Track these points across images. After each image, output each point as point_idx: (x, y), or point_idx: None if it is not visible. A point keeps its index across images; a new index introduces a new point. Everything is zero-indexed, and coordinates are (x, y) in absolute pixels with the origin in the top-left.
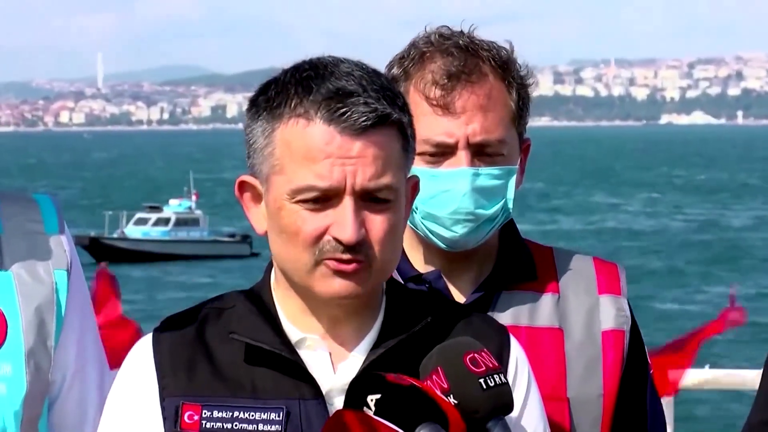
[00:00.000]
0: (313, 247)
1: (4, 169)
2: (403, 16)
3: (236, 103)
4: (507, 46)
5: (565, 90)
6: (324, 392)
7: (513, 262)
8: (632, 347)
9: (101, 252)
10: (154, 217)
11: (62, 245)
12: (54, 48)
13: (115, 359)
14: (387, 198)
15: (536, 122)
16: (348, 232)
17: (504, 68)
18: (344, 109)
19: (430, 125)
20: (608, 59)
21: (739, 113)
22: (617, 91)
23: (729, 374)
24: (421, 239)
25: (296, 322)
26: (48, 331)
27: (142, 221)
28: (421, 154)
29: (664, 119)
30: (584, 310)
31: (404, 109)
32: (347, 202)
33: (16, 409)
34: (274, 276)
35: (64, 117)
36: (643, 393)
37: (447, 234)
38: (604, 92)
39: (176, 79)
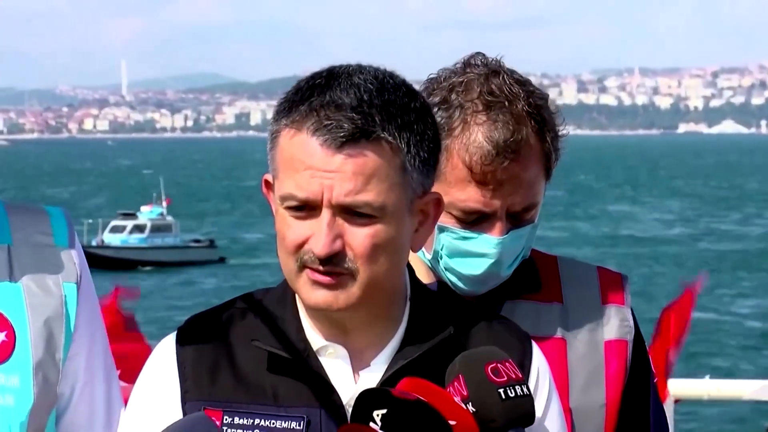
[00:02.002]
0: (296, 255)
1: (30, 176)
2: (427, 20)
3: (260, 111)
4: (544, 92)
5: (589, 99)
6: (344, 402)
7: (517, 272)
8: (635, 357)
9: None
10: (130, 224)
11: (72, 258)
12: (78, 55)
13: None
14: (371, 214)
15: (560, 131)
16: (319, 246)
17: (542, 125)
18: (328, 123)
19: (468, 193)
20: (632, 68)
21: (763, 122)
22: (641, 100)
23: (729, 384)
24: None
25: (318, 327)
26: (57, 344)
27: (118, 229)
28: (455, 216)
29: (689, 128)
30: (587, 320)
31: (408, 126)
32: (324, 215)
33: (23, 420)
34: None
35: (88, 124)
36: (646, 403)
37: (466, 289)
38: (627, 101)
39: (200, 86)
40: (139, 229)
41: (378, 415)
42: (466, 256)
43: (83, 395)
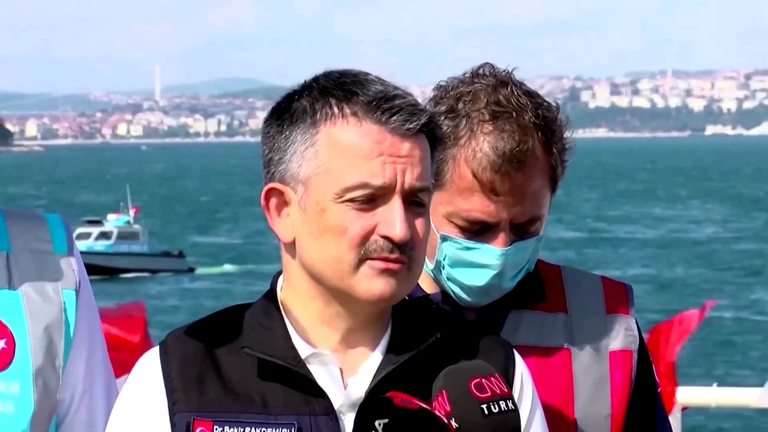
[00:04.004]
0: (360, 247)
1: (64, 181)
2: (457, 24)
3: None
4: (553, 104)
5: (622, 101)
6: (336, 407)
7: (521, 282)
8: (640, 367)
9: None
10: (96, 231)
11: (71, 265)
12: (111, 61)
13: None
14: (423, 201)
15: (593, 134)
16: (399, 230)
17: (551, 139)
18: (393, 110)
19: (473, 203)
20: (665, 70)
21: None
22: (674, 102)
23: (737, 392)
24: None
25: (307, 335)
26: (56, 351)
27: (84, 236)
28: (458, 225)
29: (719, 130)
30: (592, 330)
31: (433, 117)
32: (396, 201)
33: (24, 428)
34: (288, 287)
35: (121, 129)
36: (652, 413)
37: (468, 299)
38: (660, 103)
39: (233, 91)
40: (105, 236)
41: (380, 425)
42: (468, 266)
43: (83, 402)
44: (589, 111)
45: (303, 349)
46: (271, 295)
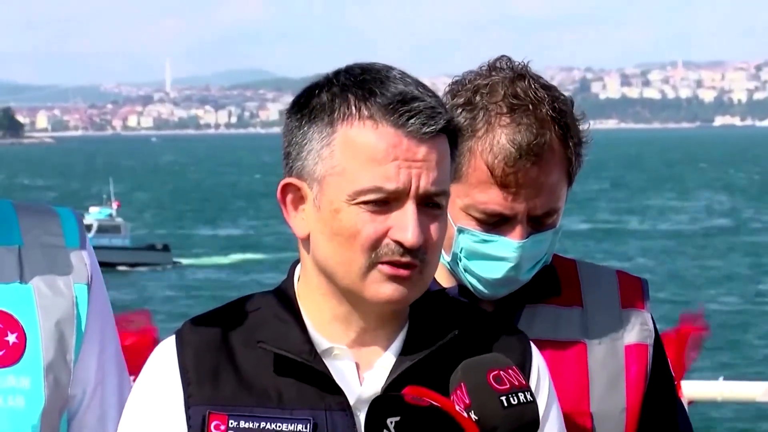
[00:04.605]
0: (371, 251)
1: (76, 173)
2: (472, 17)
3: None
4: (568, 98)
5: (632, 92)
6: (351, 403)
7: (537, 276)
8: (656, 362)
9: None
10: None
11: (83, 259)
12: (122, 53)
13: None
14: (441, 204)
15: (603, 125)
16: (411, 235)
17: (566, 131)
18: (411, 114)
19: (490, 196)
20: (675, 61)
21: None
22: (684, 93)
23: (743, 386)
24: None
25: (323, 330)
26: (68, 346)
27: None
28: (475, 218)
29: (727, 121)
30: (607, 325)
31: (453, 117)
32: (410, 206)
33: (34, 423)
34: (304, 281)
35: (132, 121)
36: (671, 407)
37: (485, 291)
38: (671, 94)
39: (244, 83)
40: (86, 228)
41: (392, 423)
42: (485, 259)
43: (95, 397)
44: (600, 102)
45: (320, 343)
46: (288, 286)
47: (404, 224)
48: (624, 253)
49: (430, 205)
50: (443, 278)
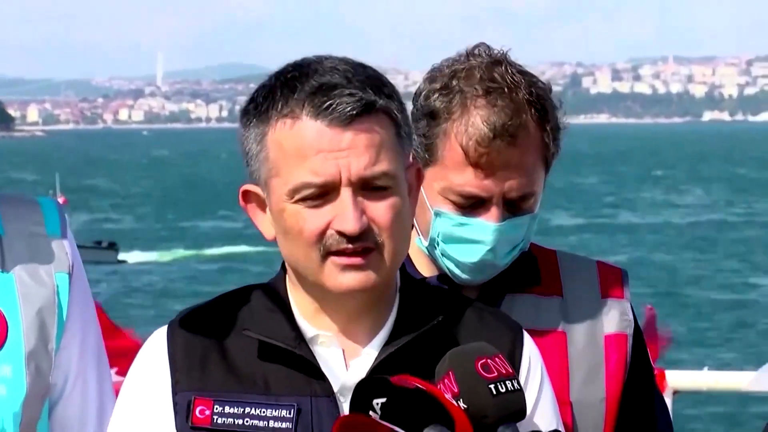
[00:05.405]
0: (318, 244)
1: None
2: (467, 12)
3: None
4: (546, 84)
5: (623, 87)
6: (336, 390)
7: (517, 266)
8: (635, 351)
9: None
10: None
11: (64, 248)
12: (114, 47)
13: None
14: (385, 185)
15: (595, 119)
16: (350, 223)
17: (543, 115)
18: (329, 102)
19: (465, 177)
20: (666, 56)
21: None
22: (675, 88)
23: (728, 376)
24: None
25: (310, 319)
26: (49, 334)
27: None
28: (452, 201)
29: (724, 116)
30: (587, 314)
31: (392, 96)
32: (345, 194)
33: (16, 410)
34: (289, 275)
35: (123, 115)
36: (650, 397)
37: (463, 276)
38: (662, 89)
39: (235, 77)
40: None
41: (378, 404)
42: (461, 242)
43: (76, 386)
44: (591, 97)
45: (307, 331)
46: (278, 279)
47: (342, 213)
48: (614, 246)
49: (375, 188)
50: (424, 267)
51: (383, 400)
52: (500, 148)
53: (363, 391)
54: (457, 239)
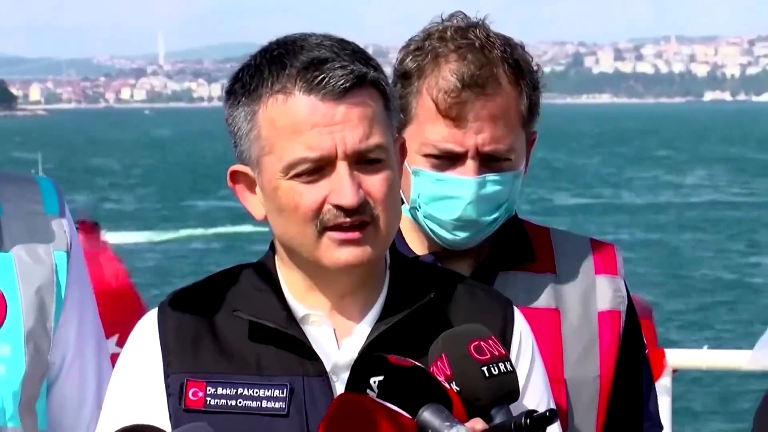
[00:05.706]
0: (315, 220)
1: (71, 145)
2: None
3: None
4: (520, 44)
5: (626, 67)
6: (328, 369)
7: (510, 243)
8: (628, 328)
9: None
10: None
11: (62, 227)
12: (115, 25)
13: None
14: (379, 157)
15: (596, 99)
16: (348, 197)
17: (517, 72)
18: (321, 76)
19: (439, 131)
20: (669, 36)
21: None
22: (677, 68)
23: (727, 354)
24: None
25: (301, 298)
26: (48, 313)
27: None
28: (427, 156)
29: (725, 96)
30: (581, 291)
31: (379, 69)
32: (341, 168)
33: (15, 389)
34: (279, 255)
35: (125, 94)
36: (639, 374)
37: (448, 236)
38: (664, 69)
39: (237, 56)
40: None
41: (375, 382)
42: (441, 199)
43: (74, 364)
44: (593, 77)
45: (298, 311)
46: (267, 258)
47: (339, 187)
48: (616, 226)
49: (368, 161)
50: (417, 245)
51: (380, 378)
52: (469, 98)
53: (360, 369)
54: (437, 197)
